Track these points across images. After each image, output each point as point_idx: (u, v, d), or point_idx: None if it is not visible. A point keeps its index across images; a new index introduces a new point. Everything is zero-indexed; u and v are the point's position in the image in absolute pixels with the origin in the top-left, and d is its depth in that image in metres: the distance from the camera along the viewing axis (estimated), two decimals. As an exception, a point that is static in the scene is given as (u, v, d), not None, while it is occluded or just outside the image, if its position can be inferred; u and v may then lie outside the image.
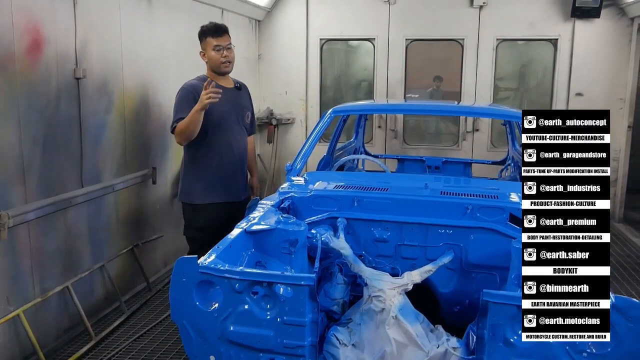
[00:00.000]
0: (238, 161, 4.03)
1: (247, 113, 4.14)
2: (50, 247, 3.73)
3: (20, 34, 3.37)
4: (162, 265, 5.28)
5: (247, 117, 4.14)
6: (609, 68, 7.09)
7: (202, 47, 3.95)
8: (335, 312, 3.01)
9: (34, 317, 3.55)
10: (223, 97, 3.72)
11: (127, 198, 4.59)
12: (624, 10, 6.88)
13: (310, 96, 7.84)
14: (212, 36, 3.88)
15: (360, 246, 3.29)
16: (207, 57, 3.94)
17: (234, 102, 4.01)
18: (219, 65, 3.91)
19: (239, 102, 4.08)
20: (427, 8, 7.34)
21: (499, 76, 7.55)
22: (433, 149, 7.64)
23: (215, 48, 3.88)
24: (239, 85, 4.13)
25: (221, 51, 3.88)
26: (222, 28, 3.93)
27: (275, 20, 7.68)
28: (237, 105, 4.04)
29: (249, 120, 4.17)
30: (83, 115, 3.97)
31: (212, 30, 3.89)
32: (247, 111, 4.15)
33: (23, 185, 3.44)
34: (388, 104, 6.11)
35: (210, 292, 2.50)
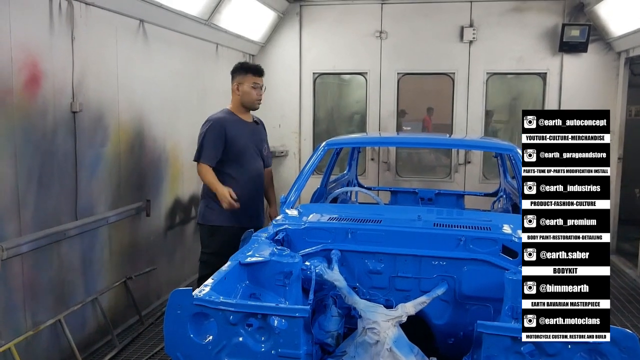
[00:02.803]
0: (255, 189, 4.27)
1: (265, 146, 4.40)
2: (43, 279, 3.72)
3: (18, 69, 3.42)
4: (155, 298, 5.24)
5: (265, 149, 4.39)
6: (598, 101, 7.20)
7: (238, 81, 4.17)
8: (330, 345, 2.99)
9: (26, 350, 3.51)
10: (244, 130, 4.19)
11: (120, 230, 4.59)
12: (610, 44, 7.04)
13: (303, 129, 7.92)
14: (253, 74, 4.18)
15: (354, 278, 3.30)
16: (243, 92, 4.17)
17: (253, 135, 4.27)
18: (254, 101, 4.21)
19: (258, 135, 4.34)
20: (418, 43, 7.49)
21: (490, 109, 7.66)
22: (426, 181, 7.69)
23: (254, 85, 4.16)
24: (257, 120, 4.40)
25: (257, 89, 4.19)
26: (261, 69, 4.26)
27: (269, 54, 7.81)
28: (256, 139, 4.30)
29: (266, 152, 4.40)
30: (79, 149, 4.00)
31: (254, 69, 4.23)
32: (265, 144, 4.40)
33: (18, 217, 3.45)
34: (381, 137, 6.18)
35: (204, 325, 2.50)
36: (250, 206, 4.23)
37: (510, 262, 3.10)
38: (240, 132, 4.16)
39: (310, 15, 7.71)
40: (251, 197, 4.23)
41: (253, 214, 4.27)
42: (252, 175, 4.22)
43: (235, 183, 4.11)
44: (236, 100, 4.22)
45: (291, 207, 3.81)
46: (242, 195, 4.09)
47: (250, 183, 4.22)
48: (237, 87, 4.18)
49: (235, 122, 4.17)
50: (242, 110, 4.24)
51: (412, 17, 7.49)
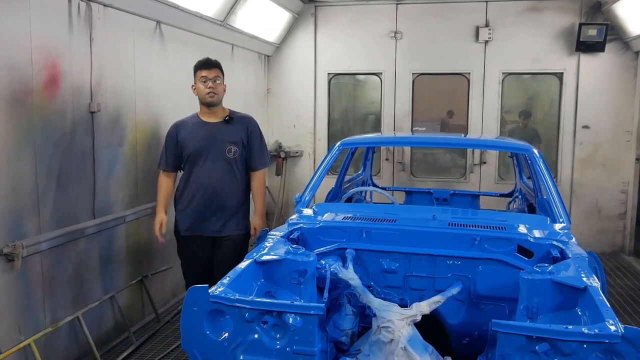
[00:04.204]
0: (214, 196, 3.99)
1: (230, 147, 3.99)
2: (62, 277, 3.77)
3: (38, 70, 3.48)
4: (171, 296, 5.30)
5: (231, 151, 3.99)
6: (615, 101, 7.16)
7: (194, 81, 4.06)
8: (344, 343, 3.01)
9: (45, 346, 3.57)
10: (199, 132, 3.98)
11: (137, 229, 4.64)
12: (628, 44, 6.97)
13: (318, 129, 7.94)
14: (200, 68, 4.00)
15: (368, 277, 3.31)
16: (197, 89, 4.03)
17: (209, 136, 3.99)
18: (204, 95, 3.98)
19: (219, 136, 4.00)
20: (434, 43, 7.48)
21: (506, 109, 7.63)
22: (441, 181, 7.67)
23: (201, 79, 3.98)
24: (229, 118, 4.05)
25: (207, 82, 3.97)
26: (211, 61, 4.03)
27: (284, 55, 7.84)
28: (215, 140, 3.99)
29: (232, 154, 4.00)
30: (96, 148, 4.06)
31: (201, 63, 4.02)
32: (231, 145, 3.99)
33: (37, 216, 3.50)
34: (395, 137, 6.17)
35: (220, 322, 2.52)
36: (205, 215, 4.01)
37: (526, 262, 3.10)
38: (192, 135, 3.98)
39: (325, 16, 7.73)
40: (208, 205, 3.99)
41: (217, 222, 4.02)
42: (205, 182, 3.97)
43: (189, 190, 4.03)
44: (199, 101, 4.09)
45: (306, 207, 3.83)
46: (194, 202, 4.01)
47: (204, 190, 3.97)
48: (194, 88, 4.05)
49: (192, 125, 4.03)
50: (205, 110, 4.04)
51: (427, 17, 7.48)
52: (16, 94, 3.31)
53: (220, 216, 4.03)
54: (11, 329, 3.34)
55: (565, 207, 3.63)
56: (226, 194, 4.02)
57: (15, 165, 3.32)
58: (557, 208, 3.56)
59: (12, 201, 3.30)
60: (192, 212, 4.03)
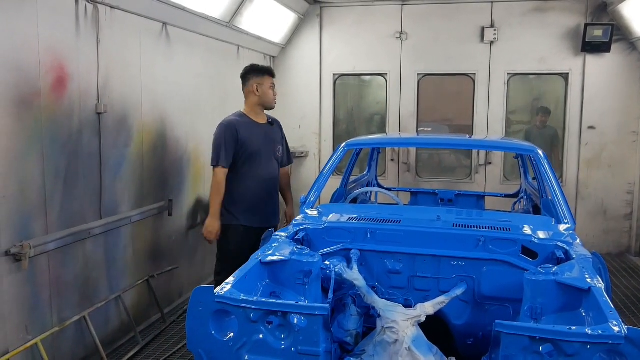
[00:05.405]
0: (267, 190, 4.33)
1: (279, 147, 4.44)
2: (69, 277, 3.80)
3: (46, 72, 3.51)
4: (177, 296, 5.32)
5: (279, 150, 4.43)
6: (621, 102, 7.14)
7: (257, 82, 4.26)
8: (349, 344, 3.01)
9: (52, 346, 3.60)
10: (257, 132, 4.26)
11: (143, 229, 4.67)
12: (634, 45, 6.95)
13: (323, 130, 7.95)
14: (270, 75, 4.35)
15: (373, 277, 3.32)
16: (262, 93, 4.28)
17: (265, 137, 4.33)
18: (272, 101, 4.35)
19: (271, 136, 4.38)
20: (439, 44, 7.48)
21: (511, 110, 7.62)
22: (446, 182, 7.67)
23: (271, 86, 4.32)
24: (272, 121, 4.44)
25: (274, 89, 4.35)
26: (273, 70, 4.43)
27: (289, 56, 7.86)
28: (269, 140, 4.35)
29: (280, 153, 4.45)
30: (103, 149, 4.08)
31: (271, 70, 4.40)
32: (279, 145, 4.44)
33: (44, 216, 3.53)
34: (401, 138, 6.17)
35: (225, 322, 2.53)
36: (262, 208, 4.31)
37: (530, 262, 3.10)
38: (252, 135, 4.22)
39: (330, 17, 7.75)
40: (262, 199, 4.31)
41: (265, 215, 4.33)
42: (264, 178, 4.30)
43: (248, 185, 4.22)
44: (253, 102, 4.29)
45: (311, 207, 3.84)
46: (253, 196, 4.25)
47: (262, 185, 4.29)
48: (257, 89, 4.25)
49: (248, 125, 4.24)
50: (258, 112, 4.33)
51: (433, 18, 7.48)
52: (24, 96, 3.34)
53: (272, 209, 4.42)
54: (19, 328, 3.37)
55: (570, 208, 3.63)
56: (275, 189, 4.47)
57: (22, 166, 3.35)
58: (562, 209, 3.56)
59: (19, 202, 3.33)
60: (244, 204, 4.24)
